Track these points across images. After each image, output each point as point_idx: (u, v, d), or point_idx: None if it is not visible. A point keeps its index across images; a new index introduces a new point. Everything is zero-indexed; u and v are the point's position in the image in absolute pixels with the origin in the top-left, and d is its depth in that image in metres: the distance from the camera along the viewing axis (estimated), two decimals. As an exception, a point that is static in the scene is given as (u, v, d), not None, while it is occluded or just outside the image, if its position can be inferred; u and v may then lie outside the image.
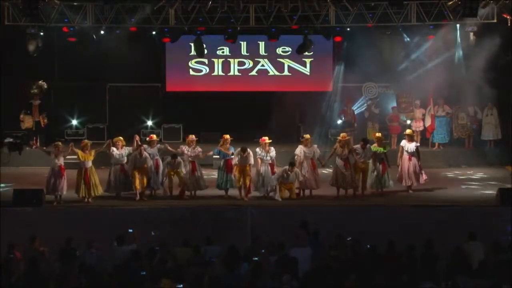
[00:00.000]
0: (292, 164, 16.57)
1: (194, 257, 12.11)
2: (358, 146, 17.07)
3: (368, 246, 12.49)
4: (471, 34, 19.48)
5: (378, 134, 17.73)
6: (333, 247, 12.77)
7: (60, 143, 17.04)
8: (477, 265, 11.16)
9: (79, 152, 16.36)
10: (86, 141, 17.04)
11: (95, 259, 12.58)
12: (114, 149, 16.63)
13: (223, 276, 11.03)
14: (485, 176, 19.37)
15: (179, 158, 16.69)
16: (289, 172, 16.42)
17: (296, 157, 16.89)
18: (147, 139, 17.37)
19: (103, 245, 13.09)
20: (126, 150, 16.63)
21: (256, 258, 11.64)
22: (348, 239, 12.69)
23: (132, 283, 10.47)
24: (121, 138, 16.85)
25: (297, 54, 21.61)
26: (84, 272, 11.24)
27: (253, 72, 23.42)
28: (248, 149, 16.64)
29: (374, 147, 17.20)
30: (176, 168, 16.61)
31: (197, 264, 11.64)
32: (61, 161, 16.35)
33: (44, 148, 18.28)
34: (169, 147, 17.33)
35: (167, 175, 16.78)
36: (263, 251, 12.32)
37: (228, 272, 11.08)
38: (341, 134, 17.28)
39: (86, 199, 16.36)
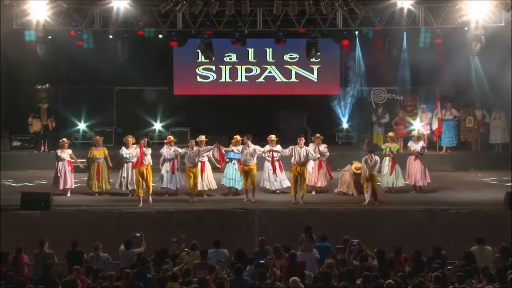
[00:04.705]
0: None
1: (202, 260, 12.10)
2: (366, 157, 16.56)
3: (375, 250, 12.49)
4: (479, 37, 19.39)
5: (391, 134, 18.10)
6: (340, 251, 12.78)
7: (66, 139, 17.65)
8: (485, 269, 11.13)
9: (91, 150, 17.32)
10: (97, 137, 18.02)
11: (102, 262, 12.62)
12: (124, 148, 16.87)
13: (230, 279, 11.05)
14: (493, 179, 19.31)
15: None
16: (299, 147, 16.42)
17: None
18: (165, 140, 17.65)
19: (110, 248, 13.11)
20: (135, 149, 16.73)
21: (262, 261, 11.64)
22: (355, 242, 12.66)
23: (139, 286, 10.48)
24: (130, 136, 17.03)
25: (307, 58, 21.50)
26: (91, 275, 11.28)
27: (261, 79, 23.43)
28: None
29: (386, 145, 17.50)
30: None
31: (205, 268, 11.64)
32: (67, 156, 17.14)
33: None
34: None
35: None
36: (269, 256, 12.28)
37: (235, 275, 11.09)
38: (354, 165, 17.28)
39: (96, 193, 17.21)
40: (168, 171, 17.13)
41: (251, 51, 23.12)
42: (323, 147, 17.37)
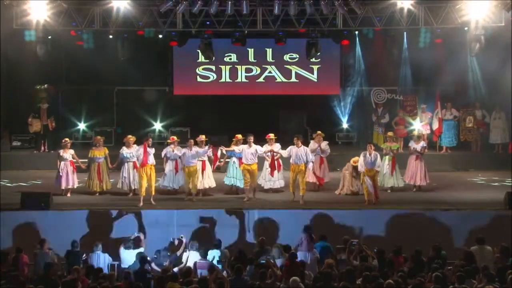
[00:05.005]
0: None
1: (202, 260, 12.12)
2: (366, 152, 16.46)
3: (375, 250, 12.49)
4: (479, 37, 19.39)
5: (391, 133, 18.29)
6: (340, 250, 12.78)
7: (68, 139, 17.63)
8: (485, 269, 11.12)
9: (92, 150, 17.29)
10: (98, 137, 17.97)
11: (102, 262, 12.62)
12: (124, 148, 16.88)
13: (230, 279, 11.05)
14: (493, 179, 19.30)
15: None
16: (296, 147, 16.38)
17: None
18: (168, 141, 17.73)
19: (110, 248, 13.12)
20: (136, 149, 16.70)
21: (263, 261, 11.65)
22: (355, 242, 12.66)
23: (139, 286, 10.48)
24: (131, 136, 17.03)
25: (307, 58, 21.45)
26: (91, 275, 11.28)
27: (261, 79, 23.41)
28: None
29: (386, 144, 17.66)
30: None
31: (205, 268, 11.66)
32: (69, 156, 17.09)
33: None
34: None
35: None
36: (268, 257, 12.29)
37: (235, 275, 11.09)
38: (353, 159, 17.24)
39: (97, 192, 17.14)
40: (172, 170, 17.18)
41: (251, 51, 23.11)
42: (324, 144, 17.52)
